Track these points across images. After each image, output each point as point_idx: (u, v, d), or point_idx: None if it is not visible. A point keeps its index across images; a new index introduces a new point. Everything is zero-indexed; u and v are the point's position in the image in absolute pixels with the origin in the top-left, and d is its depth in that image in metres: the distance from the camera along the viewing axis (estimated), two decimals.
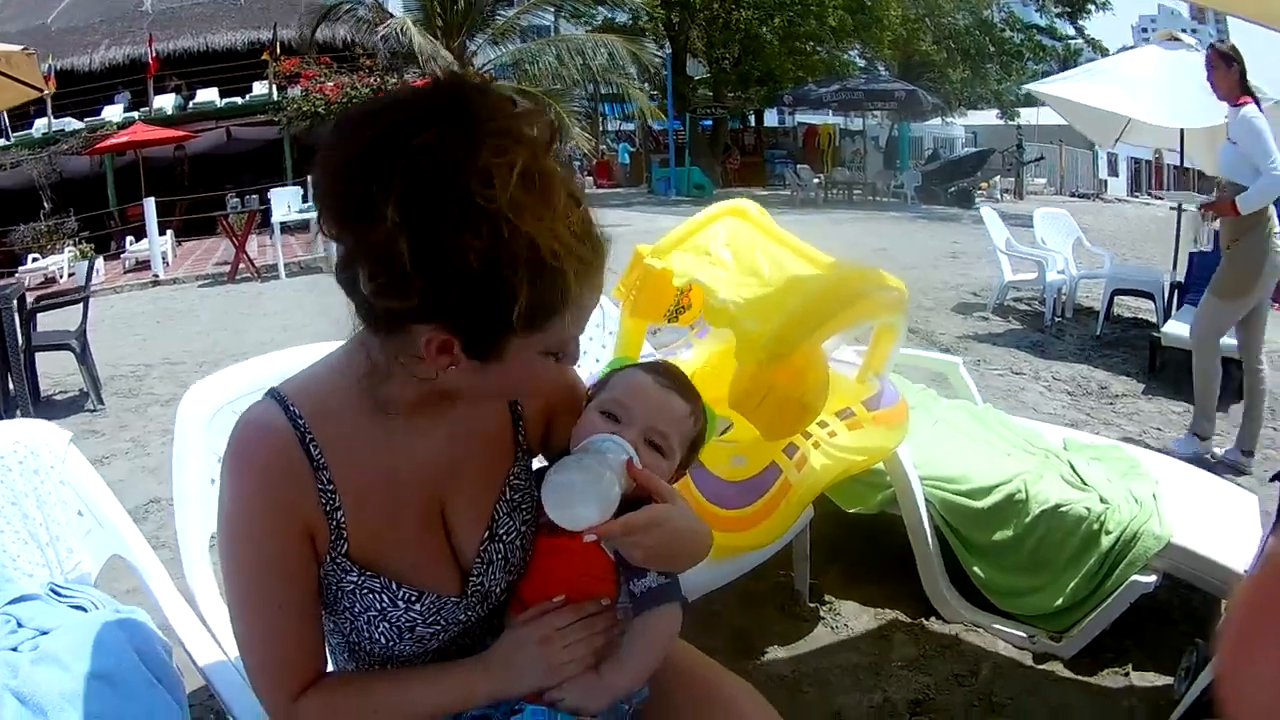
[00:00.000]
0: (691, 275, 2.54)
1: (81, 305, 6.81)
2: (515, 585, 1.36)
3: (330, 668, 1.34)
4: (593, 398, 1.43)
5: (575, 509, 1.22)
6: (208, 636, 1.80)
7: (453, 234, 0.99)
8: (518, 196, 1.01)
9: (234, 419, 2.01)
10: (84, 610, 1.86)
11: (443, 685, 1.27)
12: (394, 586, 1.24)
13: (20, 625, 1.71)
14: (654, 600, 1.30)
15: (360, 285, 1.05)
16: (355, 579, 1.23)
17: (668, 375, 1.45)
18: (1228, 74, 5.03)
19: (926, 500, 3.16)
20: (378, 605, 1.24)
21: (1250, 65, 5.22)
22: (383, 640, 1.26)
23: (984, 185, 26.61)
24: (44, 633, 1.70)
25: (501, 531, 1.33)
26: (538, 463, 1.47)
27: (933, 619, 3.20)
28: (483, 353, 1.11)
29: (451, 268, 1.01)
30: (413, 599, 1.25)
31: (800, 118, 32.29)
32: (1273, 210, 4.93)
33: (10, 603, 1.76)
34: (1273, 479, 2.82)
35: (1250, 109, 4.90)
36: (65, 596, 1.89)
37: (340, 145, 1.06)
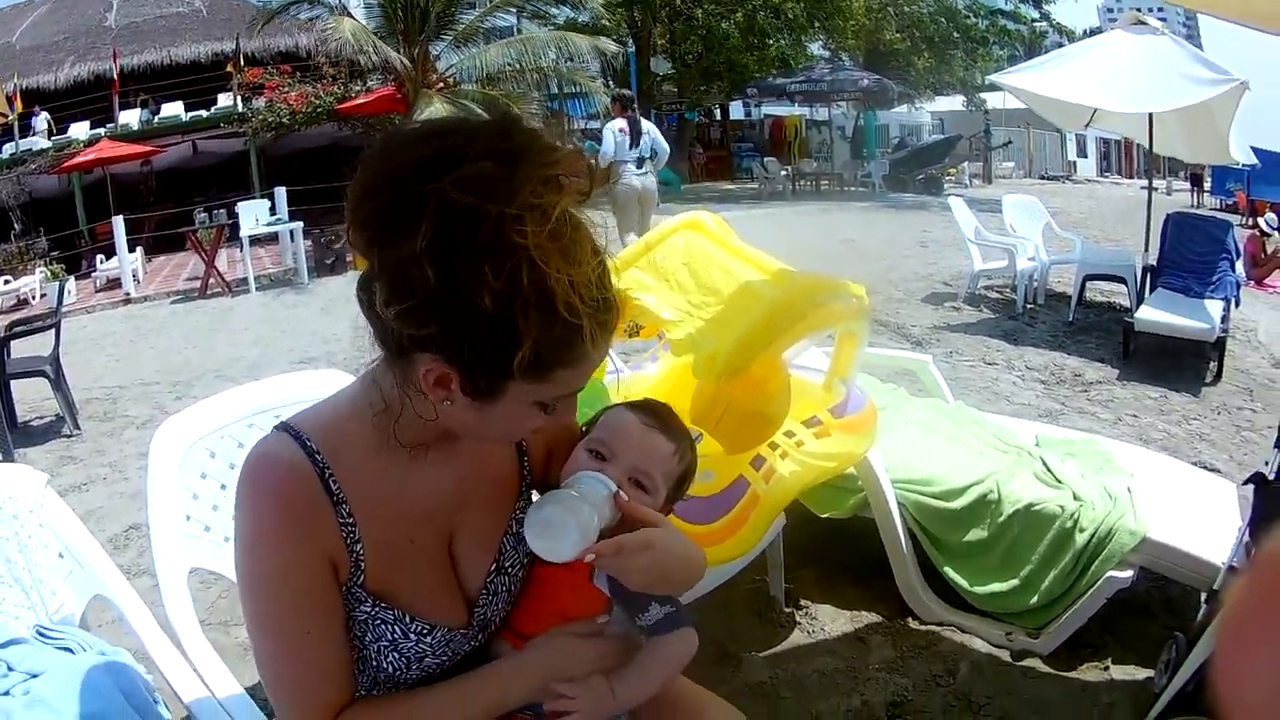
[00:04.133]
0: (649, 308, 2.55)
1: (54, 330, 6.76)
2: (510, 615, 1.39)
3: None
4: (585, 435, 1.47)
5: (554, 541, 1.25)
6: (191, 673, 1.82)
7: (474, 266, 0.99)
8: (545, 243, 1.00)
9: (206, 455, 2.07)
10: (71, 652, 1.88)
11: (490, 678, 1.30)
12: (407, 619, 1.26)
13: (10, 669, 1.73)
14: (665, 628, 1.33)
15: (376, 304, 1.05)
16: (369, 609, 1.24)
17: (653, 414, 1.48)
18: (614, 106, 10.03)
19: (899, 503, 3.19)
20: (389, 636, 1.25)
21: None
22: (390, 669, 1.27)
23: (952, 171, 26.75)
24: (34, 675, 1.72)
25: (508, 564, 1.36)
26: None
27: (909, 620, 3.23)
28: (479, 392, 1.11)
29: (466, 301, 1.00)
30: (425, 631, 1.27)
31: (766, 109, 32.29)
32: (628, 171, 9.43)
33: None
34: (1245, 482, 2.85)
35: (612, 122, 9.55)
36: (52, 638, 1.90)
37: (385, 161, 1.06)
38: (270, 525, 1.18)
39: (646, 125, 9.79)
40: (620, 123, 9.52)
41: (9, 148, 19.23)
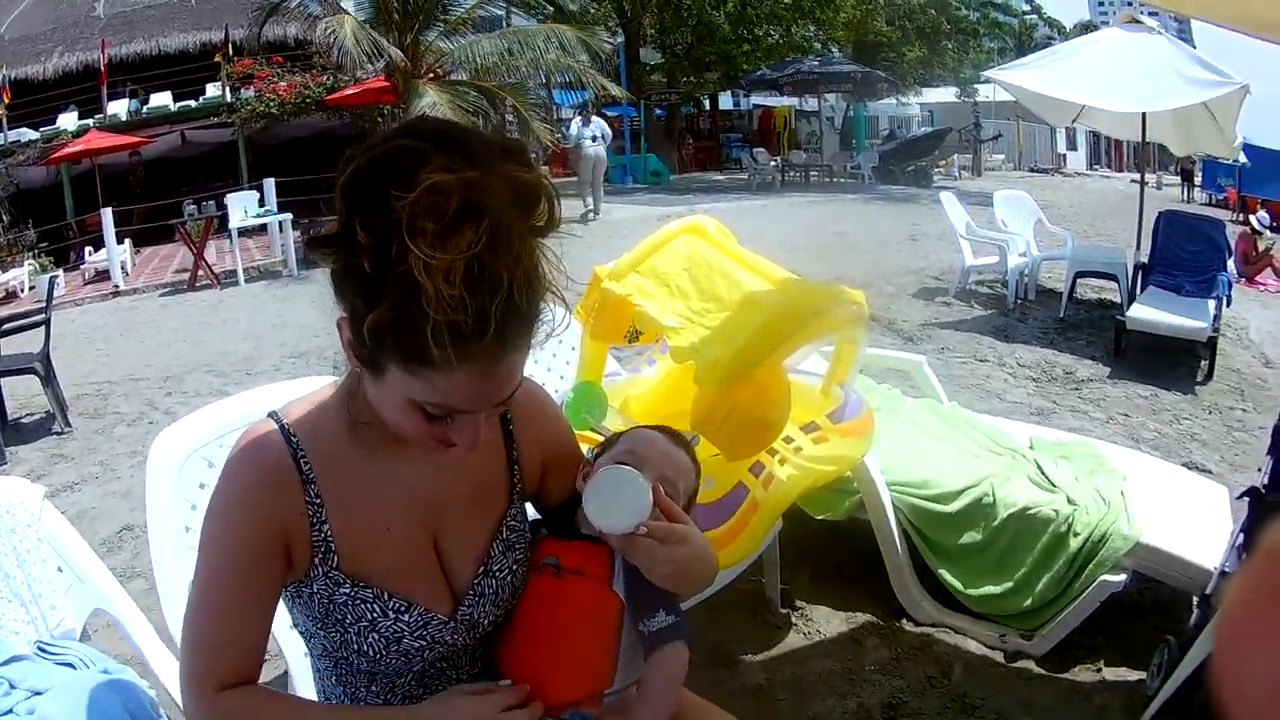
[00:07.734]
0: (650, 314, 2.56)
1: (44, 326, 6.66)
2: (502, 620, 1.41)
3: (315, 694, 1.45)
4: (599, 455, 1.52)
5: (615, 511, 1.32)
6: None
7: (360, 214, 1.03)
8: (420, 218, 0.99)
9: (204, 465, 2.06)
10: (73, 667, 1.87)
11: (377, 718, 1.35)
12: (385, 596, 1.29)
13: (13, 687, 1.71)
14: (664, 639, 1.36)
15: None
16: (348, 591, 1.28)
17: (673, 435, 1.59)
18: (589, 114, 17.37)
19: (894, 505, 3.21)
20: (369, 616, 1.28)
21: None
22: (370, 652, 1.29)
23: (941, 164, 26.78)
24: (37, 693, 1.70)
25: (496, 568, 1.38)
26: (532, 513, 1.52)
27: (904, 621, 3.25)
28: (364, 360, 1.14)
29: (350, 244, 1.04)
30: (402, 609, 1.30)
31: (755, 100, 32.26)
32: (585, 144, 16.00)
33: (1, 665, 1.76)
34: (1240, 496, 2.86)
35: (575, 118, 17.82)
36: (53, 654, 1.88)
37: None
38: (232, 489, 1.27)
39: (595, 119, 16.59)
40: (579, 118, 16.92)
41: None
